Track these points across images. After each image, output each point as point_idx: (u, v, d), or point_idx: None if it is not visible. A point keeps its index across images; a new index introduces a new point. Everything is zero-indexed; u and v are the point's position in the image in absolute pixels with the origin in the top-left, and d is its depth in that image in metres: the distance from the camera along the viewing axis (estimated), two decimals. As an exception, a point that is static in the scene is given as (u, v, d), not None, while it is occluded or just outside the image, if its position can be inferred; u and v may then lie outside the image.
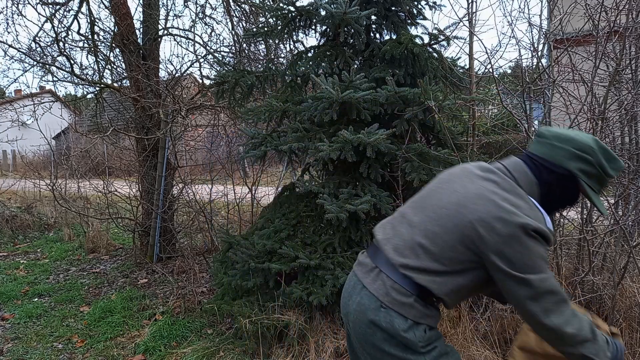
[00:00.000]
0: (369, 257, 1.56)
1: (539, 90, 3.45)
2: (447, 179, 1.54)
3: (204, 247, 5.47)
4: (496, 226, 1.31)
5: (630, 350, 2.51)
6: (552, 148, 1.42)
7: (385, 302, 1.42)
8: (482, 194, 1.38)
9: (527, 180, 1.42)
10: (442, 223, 1.40)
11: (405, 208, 1.61)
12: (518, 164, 1.46)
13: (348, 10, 3.12)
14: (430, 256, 1.40)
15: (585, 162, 1.38)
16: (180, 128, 5.76)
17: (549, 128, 1.48)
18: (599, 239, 2.92)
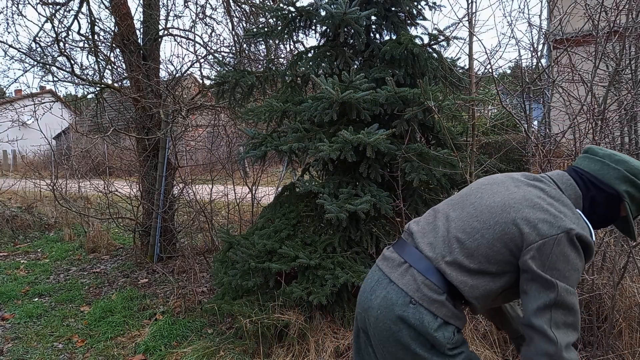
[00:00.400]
0: (397, 252, 1.52)
1: (539, 91, 3.45)
2: (488, 182, 1.53)
3: (204, 247, 5.48)
4: (541, 227, 1.30)
5: (630, 350, 2.51)
6: (603, 166, 1.42)
7: (416, 297, 1.38)
8: (528, 197, 1.37)
9: (573, 192, 1.42)
10: (483, 219, 1.39)
11: (441, 205, 1.58)
12: (564, 176, 1.46)
13: (348, 11, 3.13)
14: (466, 251, 1.38)
15: (634, 186, 1.39)
16: (181, 128, 5.76)
17: (601, 148, 1.49)
18: (599, 239, 2.92)
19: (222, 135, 6.21)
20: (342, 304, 3.08)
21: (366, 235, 3.15)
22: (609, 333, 2.57)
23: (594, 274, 2.75)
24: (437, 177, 3.09)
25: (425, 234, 1.48)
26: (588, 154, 1.49)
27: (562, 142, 3.10)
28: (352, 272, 2.93)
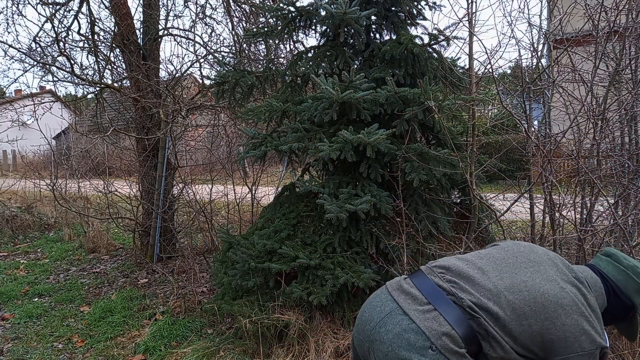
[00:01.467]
0: (420, 291, 1.48)
1: (539, 91, 3.45)
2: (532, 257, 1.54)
3: (204, 247, 5.47)
4: (583, 341, 1.37)
5: (630, 350, 2.51)
6: (626, 277, 1.52)
7: (438, 344, 1.35)
8: (576, 303, 1.42)
9: (602, 302, 1.51)
10: (536, 308, 1.40)
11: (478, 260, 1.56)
12: (598, 283, 1.53)
13: (348, 11, 3.12)
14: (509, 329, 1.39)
15: None
16: (181, 128, 5.76)
17: (623, 254, 1.57)
18: (599, 239, 2.92)
19: (222, 135, 6.21)
20: (342, 304, 3.08)
21: (366, 236, 3.15)
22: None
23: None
24: (437, 177, 3.08)
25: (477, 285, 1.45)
26: (612, 259, 1.57)
27: (562, 142, 3.10)
28: (352, 272, 2.93)
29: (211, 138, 6.68)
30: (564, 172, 3.38)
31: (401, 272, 2.91)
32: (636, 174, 3.00)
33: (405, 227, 3.01)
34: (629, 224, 2.96)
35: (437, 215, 3.22)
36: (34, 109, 5.98)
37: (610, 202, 2.75)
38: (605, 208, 2.91)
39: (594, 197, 2.84)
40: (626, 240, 2.58)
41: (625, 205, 2.96)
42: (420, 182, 3.09)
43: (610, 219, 2.89)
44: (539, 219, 3.42)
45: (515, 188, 3.55)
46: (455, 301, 1.42)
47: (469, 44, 3.23)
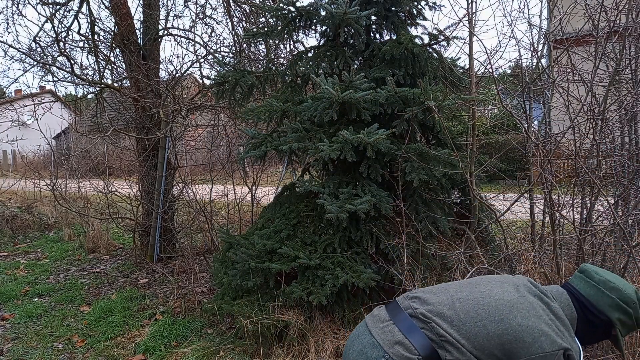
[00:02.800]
0: (385, 310, 1.59)
1: (539, 90, 3.45)
2: (499, 279, 1.60)
3: (204, 247, 5.47)
4: (542, 341, 1.38)
5: (630, 350, 2.51)
6: (598, 292, 1.51)
7: (390, 353, 1.44)
8: (535, 306, 1.45)
9: (570, 313, 1.50)
10: (490, 311, 1.44)
11: (447, 285, 1.64)
12: (564, 295, 1.54)
13: (348, 11, 3.12)
14: (464, 332, 1.43)
15: (626, 314, 1.48)
16: (181, 128, 5.76)
17: (597, 269, 1.56)
18: (599, 239, 2.92)
19: (222, 135, 6.21)
20: (342, 304, 3.08)
21: (366, 235, 3.15)
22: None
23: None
24: (437, 177, 3.08)
25: (428, 302, 1.54)
26: (584, 275, 1.57)
27: (562, 142, 3.10)
28: (352, 272, 2.93)
29: (211, 138, 6.68)
30: (564, 172, 3.38)
31: (401, 272, 2.91)
32: (636, 174, 3.00)
33: (405, 227, 3.01)
34: (629, 224, 2.96)
35: (437, 215, 3.22)
36: (34, 109, 5.98)
37: (610, 202, 2.75)
38: (605, 208, 2.91)
39: (594, 197, 2.85)
40: (626, 240, 2.58)
41: (625, 205, 2.96)
42: (420, 182, 3.09)
43: (610, 219, 2.89)
44: (539, 219, 3.42)
45: (515, 188, 3.55)
46: (411, 313, 1.50)
47: (469, 44, 3.23)
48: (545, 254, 3.18)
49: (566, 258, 3.08)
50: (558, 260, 2.83)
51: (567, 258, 3.09)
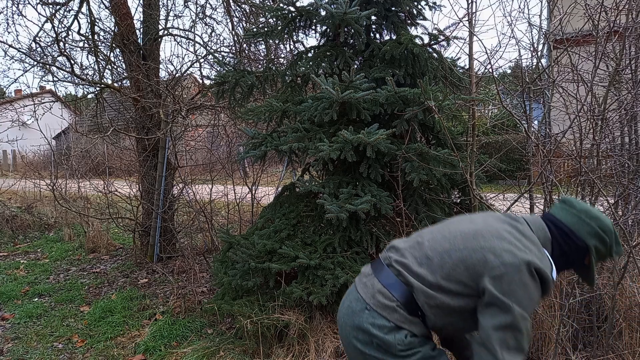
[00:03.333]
0: (370, 265, 1.66)
1: (539, 91, 3.45)
2: (468, 216, 1.67)
3: (204, 247, 5.47)
4: (504, 256, 1.41)
5: (631, 350, 2.51)
6: (579, 221, 1.54)
7: (370, 304, 1.53)
8: (500, 232, 1.49)
9: (543, 235, 1.54)
10: (455, 242, 1.49)
11: (423, 230, 1.71)
12: (538, 220, 1.59)
13: (348, 11, 3.12)
14: (430, 267, 1.49)
15: (602, 242, 1.52)
16: (181, 128, 5.76)
17: (578, 201, 1.59)
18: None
19: (222, 135, 6.21)
20: (342, 304, 3.08)
21: (366, 235, 3.15)
22: (609, 333, 2.57)
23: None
24: (437, 177, 3.08)
25: (396, 248, 1.63)
26: (565, 205, 1.59)
27: (562, 142, 3.10)
28: (352, 272, 2.93)
29: (211, 138, 6.68)
30: (564, 172, 3.38)
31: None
32: (636, 174, 3.00)
33: (405, 227, 3.01)
34: (629, 224, 2.96)
35: (437, 215, 3.22)
36: (34, 109, 5.98)
37: (610, 202, 2.75)
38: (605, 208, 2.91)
39: (594, 197, 2.84)
40: (626, 240, 2.58)
41: (625, 205, 2.96)
42: (420, 182, 3.09)
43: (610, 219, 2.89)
44: (539, 219, 3.42)
45: (515, 188, 3.55)
46: (388, 263, 1.59)
47: (469, 44, 3.23)
48: (545, 254, 3.18)
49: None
50: (558, 260, 2.82)
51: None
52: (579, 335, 2.72)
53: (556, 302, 2.68)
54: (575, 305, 2.63)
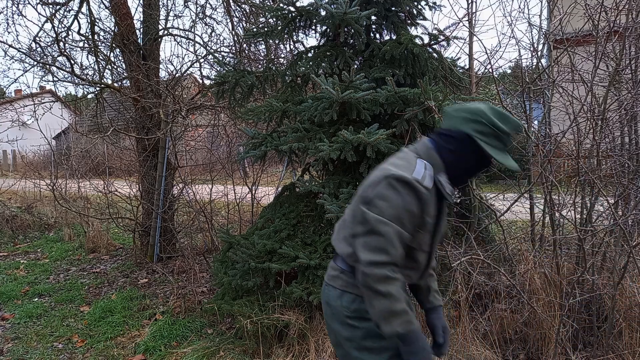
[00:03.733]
0: None
1: (539, 90, 3.45)
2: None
3: (204, 247, 5.47)
4: (372, 178, 1.56)
5: (630, 350, 2.51)
6: (450, 118, 1.60)
7: (328, 280, 1.69)
8: (380, 167, 1.59)
9: (424, 148, 1.60)
10: (355, 197, 1.63)
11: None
12: (423, 140, 1.66)
13: (348, 11, 3.12)
14: (345, 230, 1.63)
15: (478, 123, 1.53)
16: (181, 128, 5.76)
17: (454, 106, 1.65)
18: (599, 239, 2.92)
19: (222, 135, 6.21)
20: (342, 304, 3.08)
21: (366, 235, 3.15)
22: (609, 333, 2.57)
23: (594, 274, 2.75)
24: (437, 177, 3.08)
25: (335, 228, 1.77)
26: (444, 115, 1.68)
27: (562, 142, 3.10)
28: (352, 272, 2.93)
29: (211, 138, 6.68)
30: (564, 172, 3.38)
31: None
32: (636, 174, 3.00)
33: (405, 227, 3.01)
34: (629, 224, 2.96)
35: (437, 215, 3.22)
36: (34, 109, 5.98)
37: (610, 202, 2.75)
38: (605, 208, 2.91)
39: (594, 197, 2.85)
40: (626, 240, 2.58)
41: (625, 205, 2.96)
42: (420, 182, 3.09)
43: (610, 219, 2.89)
44: (539, 219, 3.42)
45: (515, 188, 3.55)
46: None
47: (469, 44, 3.23)
48: (545, 254, 3.18)
49: (566, 258, 3.08)
50: (558, 260, 2.83)
51: (567, 258, 3.09)
52: (579, 335, 2.72)
53: (556, 302, 2.69)
54: (575, 305, 2.63)
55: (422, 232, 1.55)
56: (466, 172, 1.61)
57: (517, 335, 2.86)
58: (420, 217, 1.51)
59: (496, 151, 1.53)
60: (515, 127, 1.56)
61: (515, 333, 2.87)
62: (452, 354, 2.67)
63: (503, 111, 1.56)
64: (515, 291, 2.88)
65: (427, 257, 1.66)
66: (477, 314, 2.98)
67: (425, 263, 1.66)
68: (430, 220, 1.55)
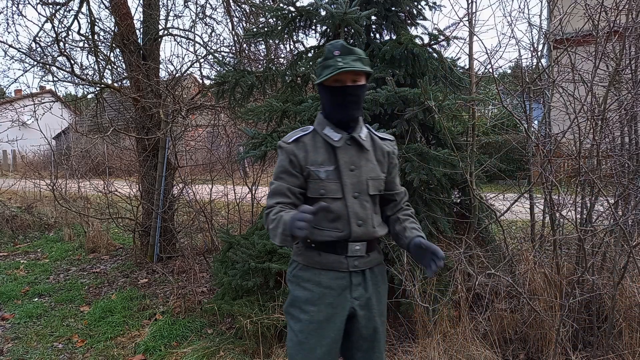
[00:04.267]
0: None
1: (539, 90, 3.45)
2: None
3: (204, 247, 5.47)
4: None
5: (631, 350, 2.51)
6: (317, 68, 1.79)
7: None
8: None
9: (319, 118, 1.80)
10: None
11: None
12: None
13: (348, 11, 3.12)
14: None
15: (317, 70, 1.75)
16: (181, 128, 5.76)
17: None
18: (599, 239, 2.92)
19: (222, 135, 6.21)
20: (342, 304, 3.08)
21: (366, 235, 3.15)
22: (609, 333, 2.57)
23: (594, 274, 2.75)
24: (437, 177, 3.08)
25: None
26: None
27: (562, 142, 3.10)
28: (352, 272, 2.93)
29: (211, 138, 6.68)
30: (564, 172, 3.38)
31: (401, 272, 2.91)
32: (636, 174, 3.00)
33: (405, 227, 3.00)
34: (629, 224, 2.96)
35: (437, 215, 3.22)
36: (34, 109, 5.98)
37: (610, 202, 2.75)
38: (605, 208, 2.91)
39: (594, 197, 2.85)
40: (626, 240, 2.58)
41: (625, 205, 2.96)
42: (420, 182, 3.09)
43: (610, 219, 2.89)
44: (539, 219, 3.42)
45: (515, 188, 3.55)
46: None
47: (469, 44, 3.23)
48: (545, 254, 3.18)
49: (566, 258, 3.08)
50: (558, 260, 2.83)
51: (567, 258, 3.09)
52: (579, 335, 2.72)
53: (556, 302, 2.69)
54: (575, 305, 2.63)
55: (314, 180, 1.69)
56: (332, 106, 1.73)
57: (517, 335, 2.86)
58: (300, 167, 1.70)
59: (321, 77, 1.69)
60: (327, 48, 1.70)
61: (515, 333, 2.87)
62: (452, 354, 2.67)
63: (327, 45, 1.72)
64: (515, 291, 2.88)
65: (344, 205, 1.68)
66: (477, 314, 2.97)
67: (345, 211, 1.68)
68: (320, 169, 1.68)
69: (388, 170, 1.81)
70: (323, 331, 1.69)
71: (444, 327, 2.83)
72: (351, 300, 1.71)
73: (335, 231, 1.67)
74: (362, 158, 1.73)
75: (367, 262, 1.73)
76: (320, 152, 1.70)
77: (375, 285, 1.76)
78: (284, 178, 1.70)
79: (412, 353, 2.80)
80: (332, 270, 1.69)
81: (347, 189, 1.69)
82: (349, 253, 1.69)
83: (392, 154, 1.83)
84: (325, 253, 1.70)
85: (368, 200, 1.72)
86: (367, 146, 1.74)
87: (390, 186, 1.83)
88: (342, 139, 1.71)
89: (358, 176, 1.71)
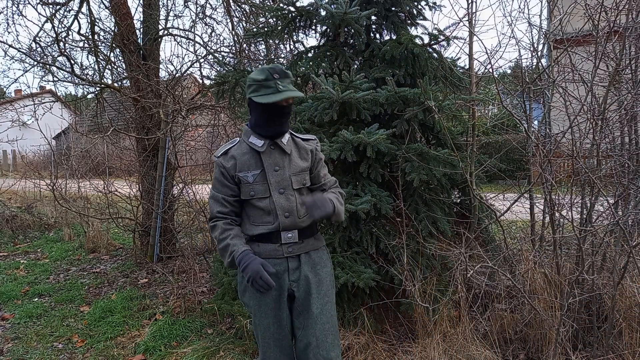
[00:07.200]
0: None
1: (539, 91, 3.45)
2: None
3: (204, 247, 5.47)
4: None
5: (631, 350, 2.51)
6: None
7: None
8: None
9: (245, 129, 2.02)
10: None
11: None
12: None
13: (348, 11, 3.12)
14: None
15: (248, 86, 1.91)
16: (181, 128, 5.76)
17: None
18: (599, 239, 2.92)
19: (222, 135, 6.20)
20: (342, 304, 3.08)
21: (366, 235, 3.15)
22: (609, 333, 2.57)
23: (594, 274, 2.75)
24: (437, 177, 3.08)
25: None
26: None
27: (562, 142, 3.10)
28: (352, 272, 2.93)
29: (211, 138, 6.68)
30: (564, 172, 3.38)
31: (401, 272, 2.91)
32: (636, 174, 3.00)
33: (405, 227, 3.01)
34: (629, 224, 2.96)
35: (437, 215, 3.22)
36: (34, 109, 5.98)
37: (610, 202, 2.75)
38: (605, 208, 2.91)
39: (594, 197, 2.84)
40: (626, 240, 2.58)
41: (625, 205, 2.96)
42: (420, 182, 3.09)
43: (610, 219, 2.89)
44: (539, 219, 3.42)
45: (515, 188, 3.55)
46: None
47: (469, 44, 3.23)
48: (545, 254, 3.18)
49: (566, 258, 3.08)
50: (558, 260, 2.83)
51: (567, 258, 3.09)
52: (579, 335, 2.72)
53: (556, 302, 2.69)
54: (575, 305, 2.63)
55: (244, 185, 1.93)
56: (266, 123, 1.92)
57: (517, 335, 2.86)
58: (230, 176, 1.94)
59: (264, 96, 1.84)
60: (267, 70, 1.85)
61: (515, 333, 2.87)
62: (452, 354, 2.67)
63: (264, 66, 1.89)
64: (515, 291, 2.88)
65: (271, 202, 1.93)
66: (477, 314, 2.97)
67: (273, 207, 1.94)
68: (249, 174, 1.93)
69: (314, 164, 2.06)
70: (271, 311, 1.94)
71: (444, 327, 2.83)
72: (289, 283, 1.96)
73: (268, 224, 1.94)
74: (285, 159, 1.97)
75: (301, 247, 1.98)
76: (246, 159, 1.95)
77: (313, 268, 1.99)
78: (218, 188, 1.98)
79: (412, 353, 2.80)
80: (271, 258, 1.93)
81: (273, 187, 1.94)
82: (283, 241, 1.95)
83: (315, 151, 2.07)
84: (263, 243, 1.95)
85: (293, 194, 1.96)
86: (287, 150, 1.98)
87: (317, 179, 2.09)
88: (265, 144, 1.95)
89: (282, 175, 1.95)
